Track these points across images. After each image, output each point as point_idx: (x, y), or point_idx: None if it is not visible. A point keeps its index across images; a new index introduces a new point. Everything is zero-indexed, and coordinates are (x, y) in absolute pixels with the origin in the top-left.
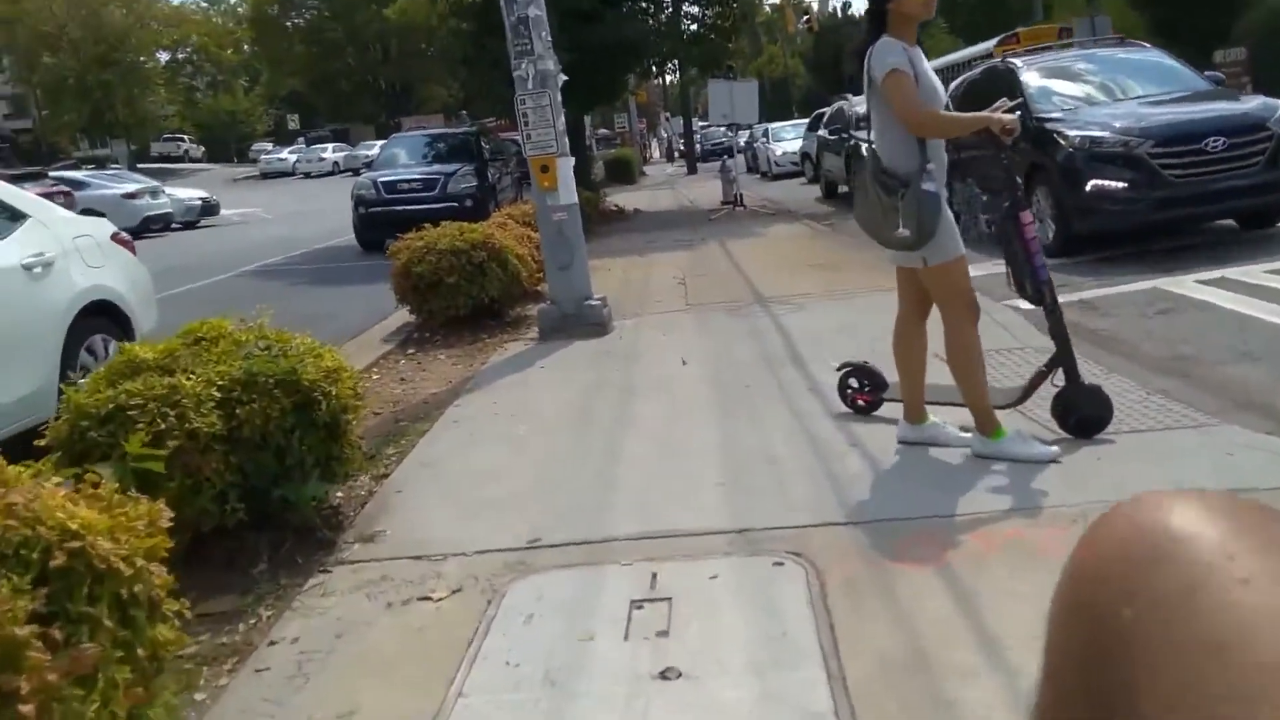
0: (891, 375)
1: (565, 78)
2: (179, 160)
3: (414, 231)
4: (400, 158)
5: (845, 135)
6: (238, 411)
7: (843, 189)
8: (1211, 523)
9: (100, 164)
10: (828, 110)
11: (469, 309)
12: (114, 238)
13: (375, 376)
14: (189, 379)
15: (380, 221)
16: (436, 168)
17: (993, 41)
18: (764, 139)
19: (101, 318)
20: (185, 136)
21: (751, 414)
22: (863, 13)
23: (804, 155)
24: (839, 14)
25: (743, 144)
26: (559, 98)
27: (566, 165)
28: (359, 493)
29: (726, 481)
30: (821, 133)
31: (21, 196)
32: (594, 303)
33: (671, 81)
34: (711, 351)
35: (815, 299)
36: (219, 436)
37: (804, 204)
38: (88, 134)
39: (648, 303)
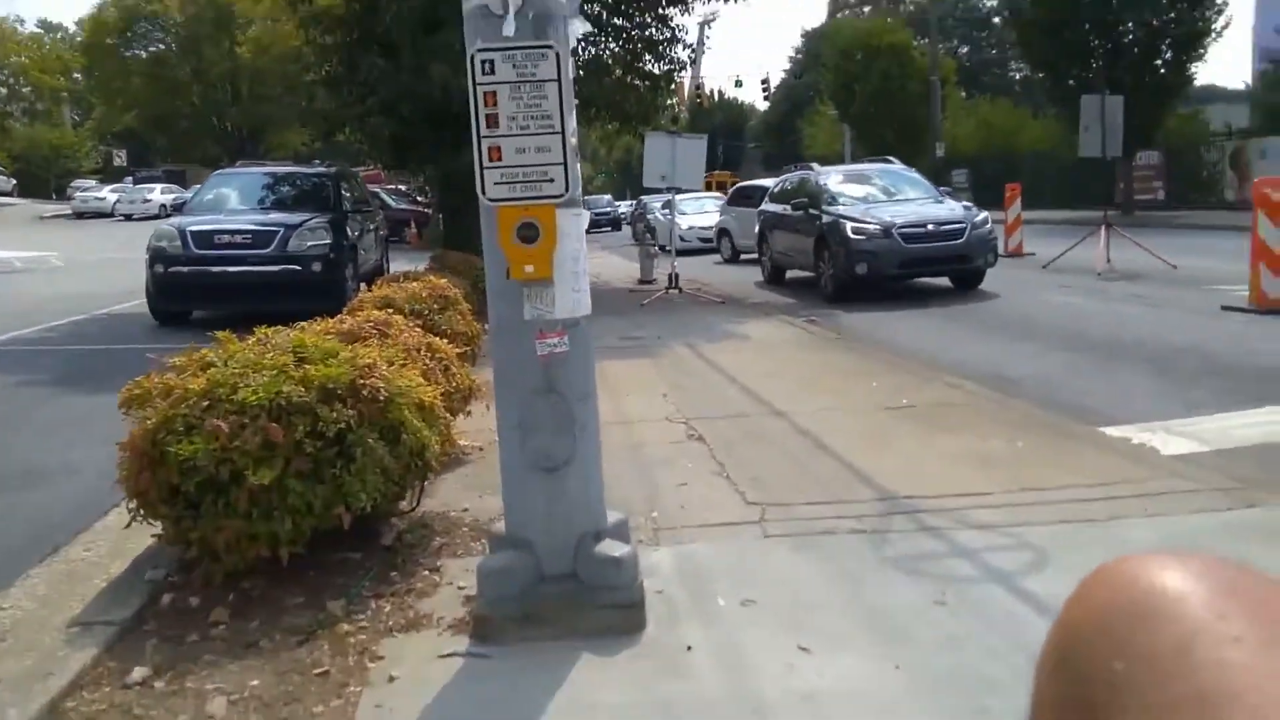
0: None
1: (588, 28)
2: None
3: (214, 338)
4: (227, 201)
5: (814, 212)
6: None
7: (793, 274)
8: (1202, 582)
9: None
10: (779, 182)
11: (305, 539)
12: None
13: None
14: None
15: (185, 286)
16: (275, 217)
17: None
18: (663, 210)
19: None
20: None
21: None
22: None
23: (721, 231)
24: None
25: (629, 215)
26: (570, 73)
27: (574, 226)
28: None
29: None
30: (774, 207)
31: None
32: (613, 551)
33: None
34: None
35: (1009, 508)
36: None
37: (748, 290)
38: None
39: (664, 496)
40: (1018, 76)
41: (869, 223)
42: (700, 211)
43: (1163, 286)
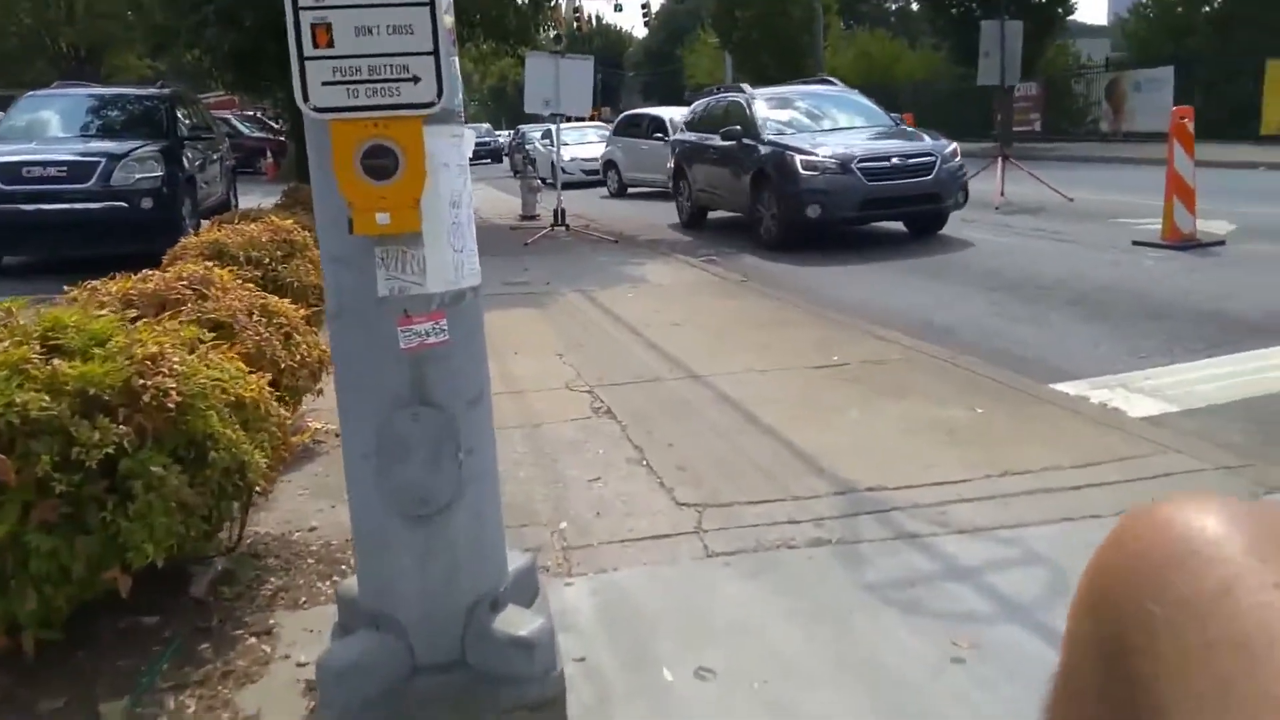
0: None
1: None
2: None
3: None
4: (42, 128)
5: (749, 142)
6: None
7: (715, 215)
8: (1241, 525)
9: None
10: (700, 107)
11: (63, 618)
12: None
13: None
14: None
15: None
16: (97, 146)
17: None
18: (544, 141)
19: None
20: None
21: None
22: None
23: (608, 163)
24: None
25: (508, 146)
26: None
27: (452, 153)
28: None
29: None
30: (692, 136)
31: None
32: (518, 628)
33: None
34: None
35: (994, 501)
36: None
37: (640, 226)
38: None
39: (574, 498)
40: (894, 7)
41: (822, 155)
42: (583, 142)
43: (1065, 221)
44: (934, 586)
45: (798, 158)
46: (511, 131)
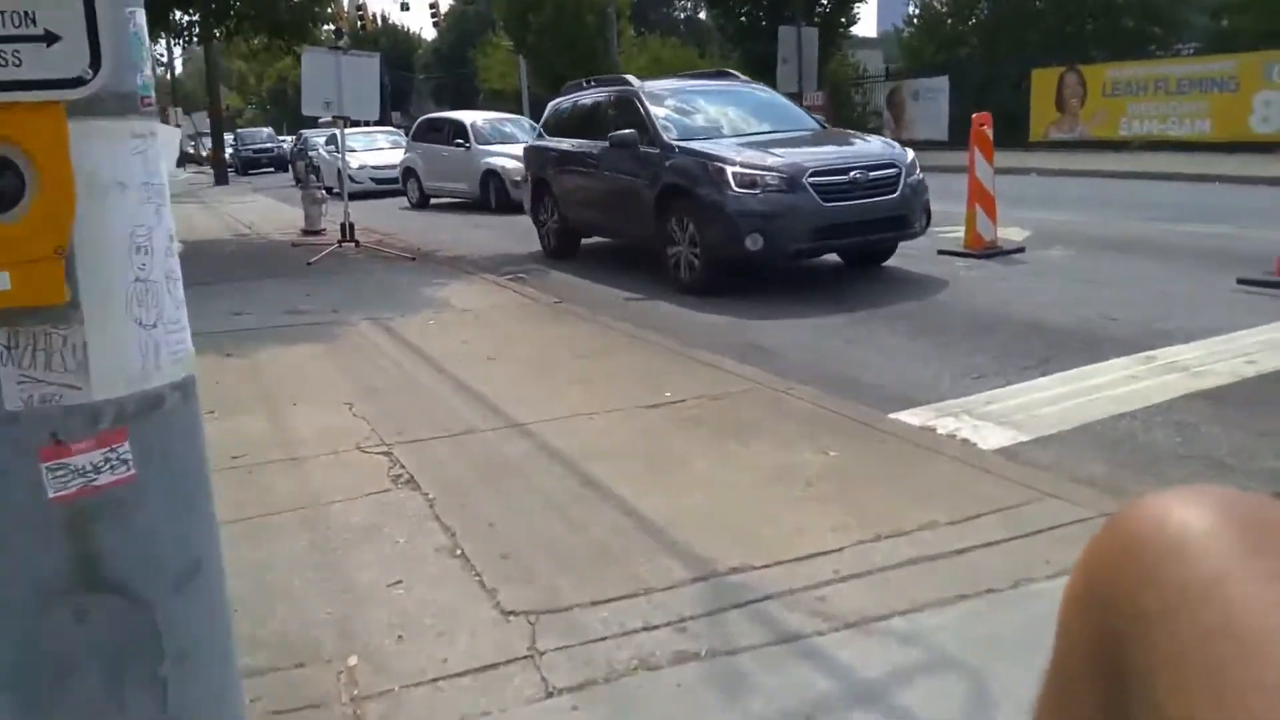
0: None
1: None
2: None
3: None
4: None
5: (651, 151)
6: None
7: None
8: (1232, 517)
9: None
10: (564, 102)
11: None
12: None
13: None
14: None
15: None
16: None
17: None
18: (329, 147)
19: None
20: None
21: None
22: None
23: (407, 171)
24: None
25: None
26: None
27: (128, 167)
28: None
29: None
30: (561, 143)
31: None
32: None
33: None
34: None
35: (877, 578)
36: None
37: (441, 240)
38: None
39: (367, 615)
40: (682, 16)
41: (763, 167)
42: (372, 148)
43: None
44: (836, 717)
45: (728, 169)
46: (294, 136)
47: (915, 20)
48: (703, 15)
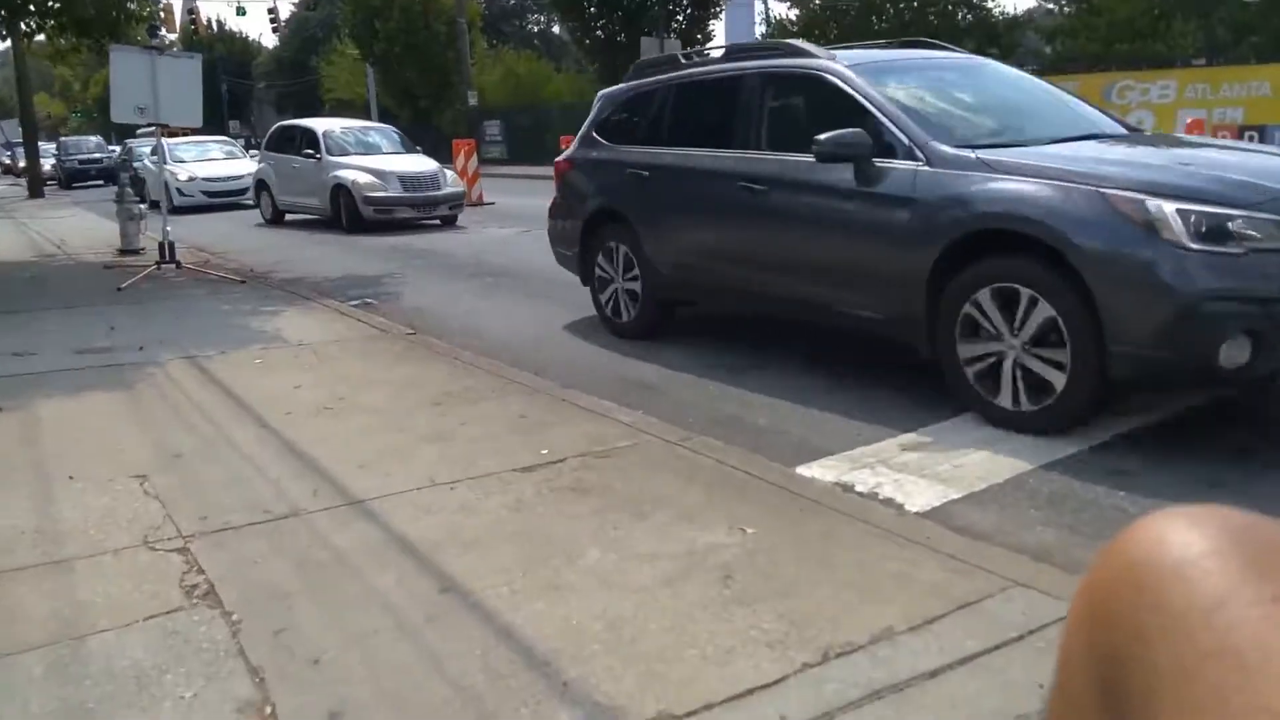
0: None
1: None
2: None
3: None
4: None
5: (905, 166)
6: None
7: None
8: (1236, 539)
9: None
10: (663, 83)
11: None
12: None
13: None
14: None
15: None
16: None
17: None
18: (153, 157)
19: None
20: None
21: None
22: None
23: (260, 184)
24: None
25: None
26: None
27: None
28: None
29: None
30: (646, 152)
31: None
32: None
33: None
34: None
35: None
36: None
37: (286, 260)
38: None
39: None
40: (536, 30)
41: (1222, 203)
42: (205, 158)
43: None
44: None
45: (1167, 207)
46: (120, 146)
47: (770, 38)
48: (556, 29)
